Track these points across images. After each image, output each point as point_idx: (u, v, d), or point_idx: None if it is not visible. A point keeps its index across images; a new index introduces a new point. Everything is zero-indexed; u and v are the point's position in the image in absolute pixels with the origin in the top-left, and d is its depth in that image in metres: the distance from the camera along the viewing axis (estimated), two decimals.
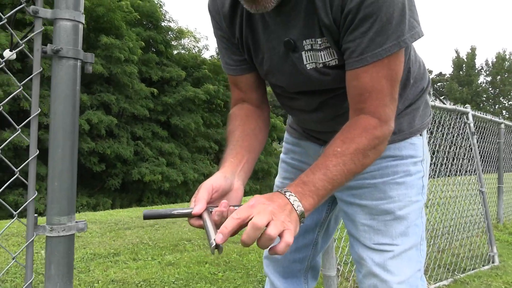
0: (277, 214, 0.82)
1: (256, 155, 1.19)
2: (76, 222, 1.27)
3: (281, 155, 1.53)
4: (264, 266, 1.52)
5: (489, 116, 5.26)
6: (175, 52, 22.58)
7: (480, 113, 4.95)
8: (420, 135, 1.27)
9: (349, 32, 0.95)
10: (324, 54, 1.04)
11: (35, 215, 1.25)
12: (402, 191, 1.22)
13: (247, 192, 16.32)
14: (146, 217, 0.97)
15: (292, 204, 0.87)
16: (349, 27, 0.94)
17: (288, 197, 0.88)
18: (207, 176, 21.39)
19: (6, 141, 1.39)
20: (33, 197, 1.22)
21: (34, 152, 1.19)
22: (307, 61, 1.07)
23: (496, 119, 5.66)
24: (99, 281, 2.89)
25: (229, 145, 1.16)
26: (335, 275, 2.62)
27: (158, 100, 19.66)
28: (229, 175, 1.04)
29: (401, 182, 1.23)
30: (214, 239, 0.83)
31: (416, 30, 0.96)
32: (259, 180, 24.11)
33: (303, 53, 1.06)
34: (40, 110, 1.27)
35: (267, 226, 0.80)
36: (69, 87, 1.23)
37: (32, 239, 1.21)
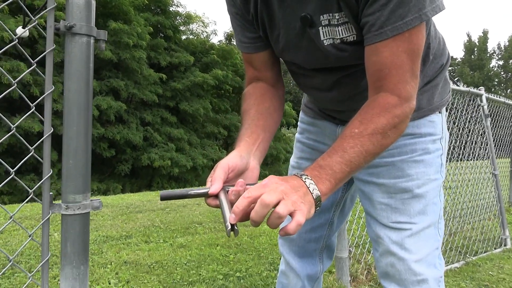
0: (289, 194, 0.81)
1: (271, 134, 1.17)
2: (91, 200, 1.27)
3: (296, 135, 1.51)
4: (279, 246, 1.52)
5: (502, 99, 5.18)
6: (183, 37, 22.48)
7: (494, 96, 4.88)
8: (439, 112, 1.24)
9: (368, 5, 0.92)
10: (342, 30, 1.01)
11: (50, 193, 1.25)
12: (421, 169, 1.20)
13: None
14: (163, 198, 0.96)
15: (308, 187, 0.85)
16: (368, 0, 0.92)
17: (304, 180, 0.86)
18: (216, 161, 21.22)
19: (17, 125, 1.39)
20: (49, 174, 1.22)
21: (48, 130, 1.19)
22: (324, 37, 1.04)
23: (510, 101, 5.58)
24: (112, 263, 2.92)
25: (244, 124, 1.15)
26: (347, 257, 2.62)
27: (167, 86, 19.65)
28: (244, 154, 1.02)
29: (420, 160, 1.20)
30: (230, 222, 0.82)
31: (437, 3, 0.93)
32: (268, 166, 24.13)
33: (320, 28, 1.03)
34: (54, 88, 1.26)
35: (277, 204, 0.78)
36: (82, 64, 1.22)
37: (48, 216, 1.22)
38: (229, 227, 0.82)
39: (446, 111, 1.32)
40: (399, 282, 1.18)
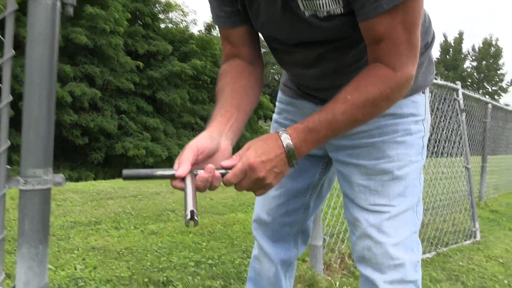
0: (268, 177, 0.92)
1: (247, 114, 1.12)
2: (53, 175, 1.19)
3: (274, 116, 1.45)
4: (252, 230, 1.46)
5: (477, 95, 5.26)
6: (162, 25, 22.13)
7: (469, 92, 4.94)
8: (423, 93, 1.20)
9: None
10: (327, 1, 0.96)
11: (8, 166, 1.16)
12: (402, 150, 1.16)
13: None
14: (126, 177, 0.92)
15: (286, 154, 0.93)
16: None
17: (285, 146, 0.93)
18: None
19: None
20: (6, 146, 1.13)
21: (6, 97, 1.10)
22: (304, 8, 0.99)
23: (484, 98, 5.67)
24: (79, 248, 2.83)
25: (218, 103, 1.10)
26: (321, 245, 2.59)
27: (144, 74, 19.32)
28: (215, 134, 0.98)
29: (401, 141, 1.16)
30: (190, 211, 0.79)
31: None
32: None
33: (299, 0, 0.97)
34: (14, 52, 1.16)
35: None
36: (47, 28, 1.12)
37: (3, 191, 1.13)
38: (188, 216, 0.79)
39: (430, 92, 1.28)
40: (375, 266, 1.14)
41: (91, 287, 2.22)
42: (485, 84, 49.68)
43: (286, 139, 0.92)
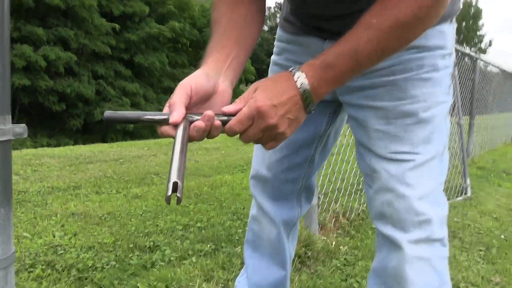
0: (280, 126, 0.78)
1: (248, 50, 0.96)
2: (12, 125, 0.98)
3: (273, 57, 1.25)
4: (250, 187, 1.29)
5: (467, 50, 5.12)
6: None
7: (459, 46, 4.79)
8: (451, 22, 1.02)
9: None
10: None
11: None
12: (428, 89, 0.98)
13: None
14: (108, 120, 0.75)
15: (301, 96, 0.78)
16: None
17: (299, 87, 0.77)
18: None
19: None
20: None
21: None
22: None
23: (473, 54, 5.54)
24: (58, 214, 2.64)
25: (213, 37, 0.91)
26: (316, 204, 2.46)
27: (121, 37, 18.67)
28: (213, 73, 0.83)
29: (427, 78, 0.98)
30: (173, 183, 0.60)
31: None
32: None
33: None
34: None
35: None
36: None
37: None
38: (170, 190, 0.60)
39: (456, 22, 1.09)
40: (396, 224, 0.98)
41: (71, 255, 2.05)
42: (464, 45, 49.77)
43: (301, 78, 0.76)
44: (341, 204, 2.84)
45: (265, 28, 47.01)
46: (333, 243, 2.40)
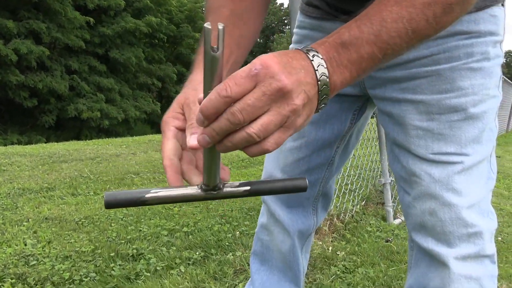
0: (291, 99, 0.50)
1: (247, 51, 0.80)
2: None
3: (292, 46, 1.08)
4: None
5: None
6: None
7: None
8: (502, 5, 0.87)
9: None
10: None
11: None
12: (478, 80, 0.83)
13: None
14: (110, 205, 0.55)
15: (316, 74, 0.52)
16: None
17: (316, 68, 0.52)
18: (149, 114, 20.65)
19: None
20: None
21: None
22: None
23: None
24: (30, 219, 2.41)
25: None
26: None
27: (95, 31, 18.18)
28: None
29: (477, 68, 0.83)
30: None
31: None
32: None
33: None
34: None
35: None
36: None
37: None
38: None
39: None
40: (441, 237, 0.83)
41: (45, 266, 1.84)
42: None
43: (317, 58, 0.53)
44: (334, 205, 2.70)
45: None
46: (330, 248, 2.26)
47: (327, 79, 0.53)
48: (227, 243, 2.23)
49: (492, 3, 0.83)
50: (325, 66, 0.53)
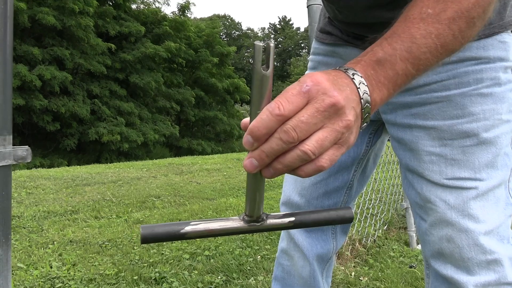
0: (344, 115, 0.49)
1: None
2: (14, 148, 0.83)
3: (308, 72, 1.11)
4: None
5: None
6: (133, 6, 21.36)
7: None
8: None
9: None
10: None
11: None
12: (489, 105, 0.84)
13: (209, 153, 15.90)
14: (146, 239, 0.51)
15: (361, 98, 0.52)
16: None
17: (358, 86, 0.52)
18: (168, 137, 20.88)
19: None
20: None
21: None
22: None
23: None
24: (55, 242, 2.45)
25: None
26: None
27: (116, 57, 18.63)
28: None
29: (487, 93, 0.84)
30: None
31: None
32: (221, 142, 23.75)
33: None
34: None
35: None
36: None
37: None
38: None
39: None
40: (459, 263, 0.82)
41: None
42: None
43: (357, 76, 0.53)
44: (356, 230, 2.67)
45: None
46: (352, 273, 2.23)
47: (369, 97, 0.54)
48: (248, 267, 2.22)
49: (501, 30, 0.85)
50: (366, 84, 0.54)
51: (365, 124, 0.56)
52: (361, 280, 2.17)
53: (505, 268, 0.82)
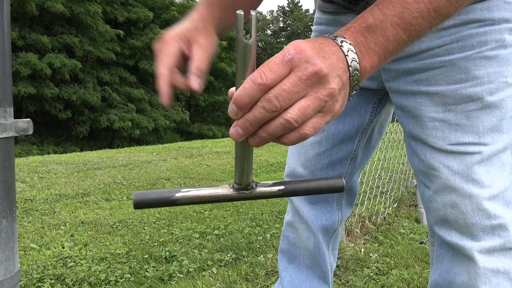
0: (328, 82, 0.49)
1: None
2: (15, 120, 0.83)
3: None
4: None
5: None
6: None
7: None
8: None
9: None
10: None
11: None
12: (494, 68, 0.81)
13: (219, 137, 15.91)
14: (139, 203, 0.52)
15: (349, 65, 0.52)
16: None
17: (346, 53, 0.52)
18: (178, 123, 20.97)
19: None
20: None
21: None
22: None
23: None
24: (67, 223, 2.49)
25: None
26: None
27: (125, 43, 18.63)
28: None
29: (492, 56, 0.81)
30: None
31: None
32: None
33: None
34: None
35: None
36: None
37: None
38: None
39: None
40: (463, 229, 0.81)
41: (82, 267, 1.89)
42: None
43: (345, 43, 0.53)
44: (366, 208, 2.67)
45: (268, 32, 47.05)
46: (362, 250, 2.23)
47: (358, 64, 0.53)
48: (258, 246, 2.23)
49: None
50: (355, 51, 0.53)
51: (355, 92, 0.55)
52: (371, 256, 2.17)
53: (510, 233, 0.80)
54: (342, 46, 0.52)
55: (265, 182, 0.54)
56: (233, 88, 0.49)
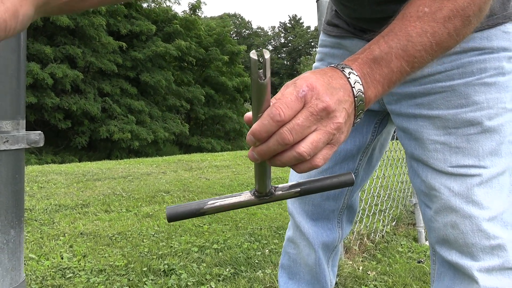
0: (335, 117, 0.54)
1: None
2: (27, 132, 0.85)
3: (315, 64, 1.13)
4: (288, 204, 1.15)
5: None
6: (144, 5, 21.48)
7: None
8: None
9: None
10: None
11: None
12: (493, 94, 0.85)
13: (218, 152, 15.94)
14: (171, 218, 0.59)
15: (355, 96, 0.57)
16: None
17: (353, 85, 0.57)
18: (178, 135, 21.00)
19: None
20: None
21: None
22: None
23: None
24: (66, 234, 2.49)
25: None
26: None
27: (127, 55, 18.76)
28: None
29: (491, 82, 0.85)
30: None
31: None
32: (231, 141, 23.81)
33: None
34: None
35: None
36: None
37: None
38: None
39: None
40: (463, 249, 0.83)
41: (81, 279, 1.89)
42: None
43: (353, 75, 0.57)
44: (364, 225, 2.68)
45: (269, 47, 47.41)
46: (360, 268, 2.23)
47: (363, 95, 0.57)
48: (256, 261, 2.24)
49: (504, 20, 0.86)
50: (361, 82, 0.57)
51: (359, 120, 0.60)
52: (369, 274, 2.17)
53: (509, 253, 0.83)
54: (349, 78, 0.56)
55: (282, 186, 0.59)
56: (249, 114, 0.53)
